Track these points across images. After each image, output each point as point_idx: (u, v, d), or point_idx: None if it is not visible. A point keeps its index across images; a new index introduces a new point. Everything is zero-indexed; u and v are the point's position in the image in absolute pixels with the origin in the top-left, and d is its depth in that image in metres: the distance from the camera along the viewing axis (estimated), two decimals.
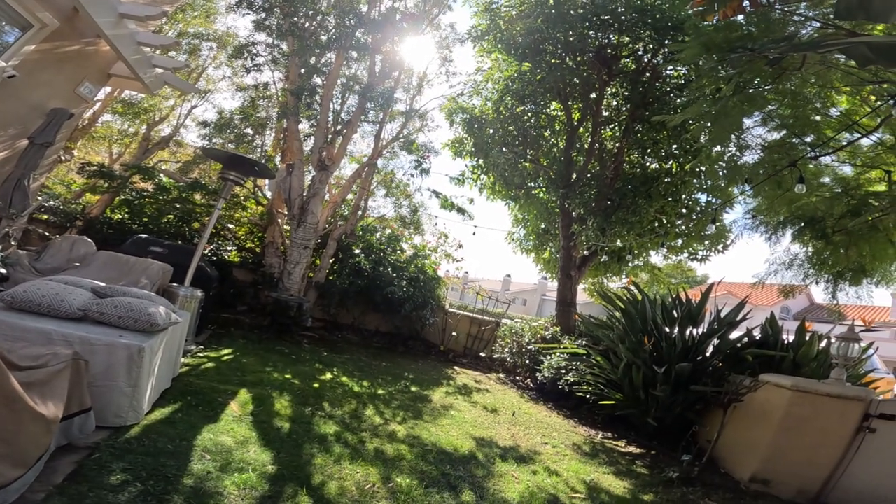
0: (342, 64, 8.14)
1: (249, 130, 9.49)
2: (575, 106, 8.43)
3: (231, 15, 12.17)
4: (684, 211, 7.62)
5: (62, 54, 5.25)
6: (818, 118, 5.11)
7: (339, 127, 8.51)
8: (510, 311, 9.71)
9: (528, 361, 7.14)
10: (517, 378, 7.42)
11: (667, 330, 5.25)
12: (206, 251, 7.90)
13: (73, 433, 2.30)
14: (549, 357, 6.43)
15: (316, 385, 4.68)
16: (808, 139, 5.18)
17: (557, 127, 8.91)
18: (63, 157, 9.20)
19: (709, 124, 5.10)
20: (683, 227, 7.84)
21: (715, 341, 4.99)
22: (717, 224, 7.23)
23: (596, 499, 3.19)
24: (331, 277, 8.37)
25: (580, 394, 5.49)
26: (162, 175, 8.82)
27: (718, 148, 6.21)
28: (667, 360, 4.73)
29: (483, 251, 56.38)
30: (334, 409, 4.01)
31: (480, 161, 8.99)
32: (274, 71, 8.60)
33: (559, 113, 8.83)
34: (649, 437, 4.79)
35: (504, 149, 8.35)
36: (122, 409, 2.70)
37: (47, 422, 1.92)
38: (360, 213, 9.10)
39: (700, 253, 8.07)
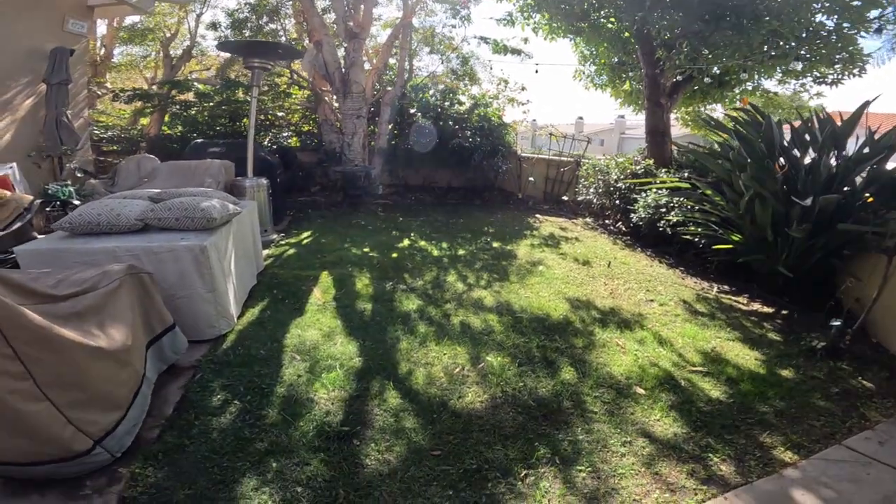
0: None
1: (266, 20, 8.78)
2: None
3: None
4: (804, 35, 5.49)
5: None
6: None
7: None
8: (587, 152, 8.68)
9: (618, 202, 6.39)
10: (607, 222, 6.82)
11: (798, 155, 4.09)
12: (266, 141, 8.16)
13: (167, 355, 2.27)
14: (643, 194, 5.60)
15: (395, 255, 4.61)
16: None
17: None
18: (99, 92, 9.61)
19: None
20: (806, 53, 5.78)
21: (869, 167, 3.74)
22: (851, 48, 5.32)
23: (721, 374, 2.69)
24: (393, 142, 7.99)
25: (686, 237, 4.77)
26: (196, 84, 8.84)
27: None
28: (803, 193, 3.72)
29: (551, 95, 50.37)
30: (415, 279, 3.91)
31: None
32: None
33: None
34: (778, 292, 3.97)
35: None
36: (212, 318, 2.71)
37: (112, 353, 1.75)
38: (406, 74, 8.63)
39: (829, 76, 6.05)
